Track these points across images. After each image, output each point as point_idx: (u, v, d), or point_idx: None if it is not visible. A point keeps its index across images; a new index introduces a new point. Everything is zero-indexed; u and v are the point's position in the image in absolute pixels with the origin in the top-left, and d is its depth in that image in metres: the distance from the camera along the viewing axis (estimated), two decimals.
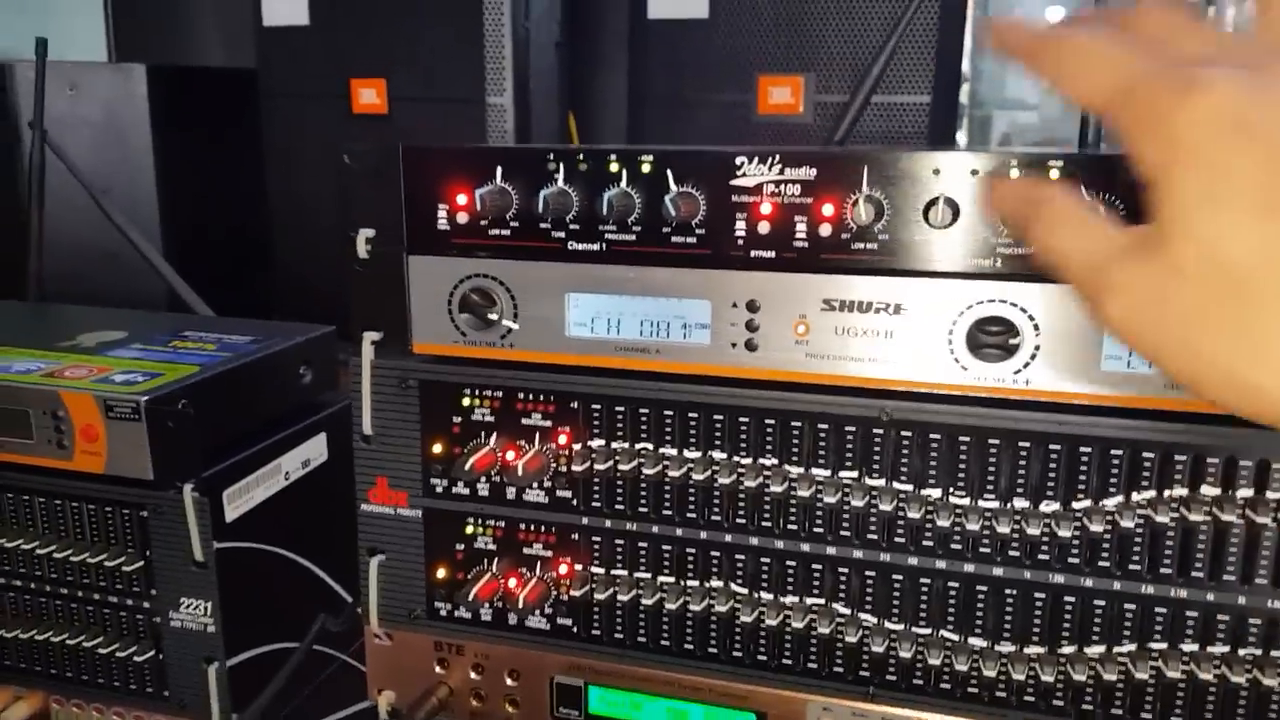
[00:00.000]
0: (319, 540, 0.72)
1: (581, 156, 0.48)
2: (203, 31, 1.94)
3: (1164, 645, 0.46)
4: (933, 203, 0.44)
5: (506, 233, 0.50)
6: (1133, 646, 0.46)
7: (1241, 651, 0.45)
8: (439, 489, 0.54)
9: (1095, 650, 0.47)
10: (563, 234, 0.50)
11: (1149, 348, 0.28)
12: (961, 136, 1.67)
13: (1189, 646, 0.45)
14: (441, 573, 0.55)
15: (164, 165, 1.52)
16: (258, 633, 0.67)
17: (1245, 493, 0.43)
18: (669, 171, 0.48)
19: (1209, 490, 0.44)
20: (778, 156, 0.46)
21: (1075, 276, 0.30)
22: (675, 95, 1.43)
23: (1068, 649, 0.47)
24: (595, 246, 0.49)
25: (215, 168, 1.62)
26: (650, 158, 0.48)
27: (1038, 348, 0.45)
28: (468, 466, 0.51)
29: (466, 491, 0.54)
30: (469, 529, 0.55)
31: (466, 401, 0.53)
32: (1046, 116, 1.89)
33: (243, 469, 0.66)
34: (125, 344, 0.72)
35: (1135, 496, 0.45)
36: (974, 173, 0.44)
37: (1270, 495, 0.43)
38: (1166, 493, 0.44)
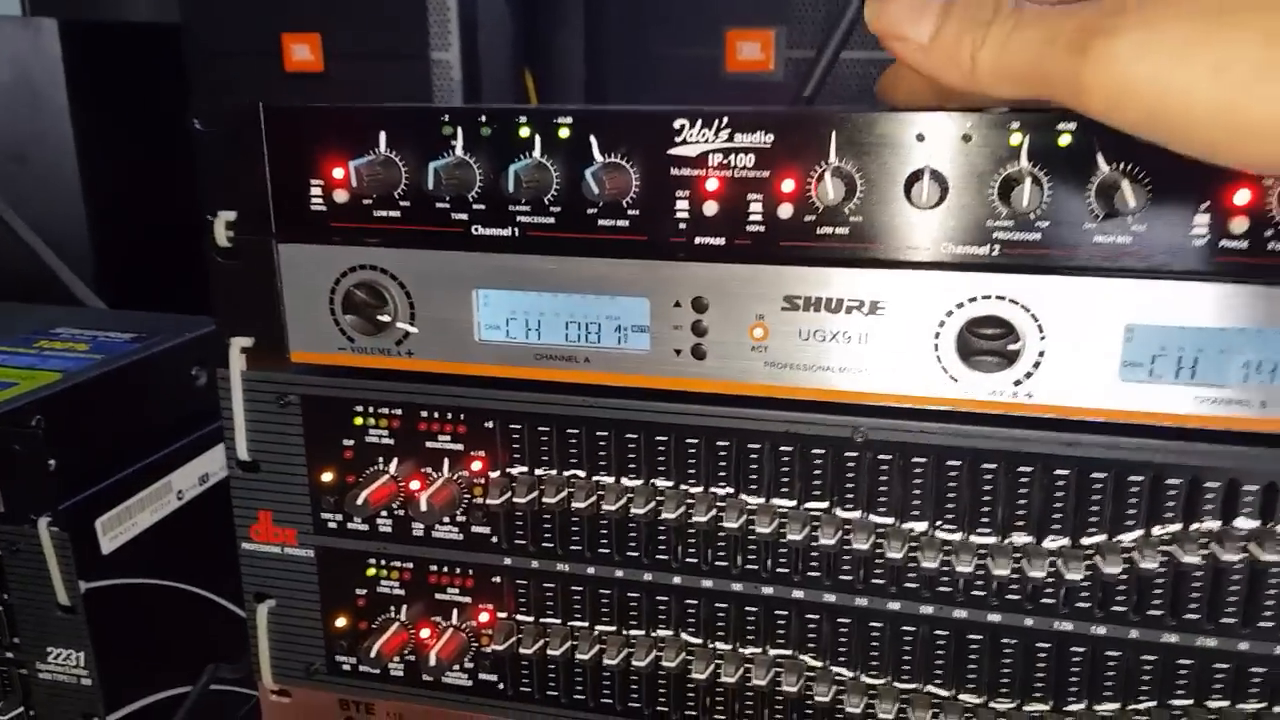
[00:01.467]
0: (221, 567, 0.63)
1: (484, 119, 0.39)
2: None
3: (1188, 702, 0.39)
4: (916, 176, 0.36)
5: (396, 214, 0.41)
6: (1152, 704, 0.40)
7: (1278, 709, 0.38)
8: (333, 525, 0.46)
9: (1108, 709, 0.40)
10: (465, 216, 0.40)
11: (1145, 100, 0.26)
12: None
13: (1217, 703, 0.39)
14: (341, 622, 0.47)
15: (84, 131, 1.40)
16: (150, 680, 0.58)
17: None
18: (592, 138, 0.38)
19: (1244, 523, 0.37)
20: (725, 119, 0.37)
21: (1054, 52, 0.27)
22: (637, 50, 1.34)
23: (1075, 707, 0.40)
24: (506, 232, 0.40)
25: (141, 133, 1.50)
26: (569, 120, 0.38)
27: (1042, 354, 0.37)
28: (360, 500, 0.42)
29: (365, 528, 0.45)
30: (370, 571, 0.46)
31: (359, 421, 0.44)
32: None
33: (121, 492, 0.57)
34: None
35: (1157, 531, 0.38)
36: (966, 139, 0.35)
37: None
38: (1194, 526, 0.37)
